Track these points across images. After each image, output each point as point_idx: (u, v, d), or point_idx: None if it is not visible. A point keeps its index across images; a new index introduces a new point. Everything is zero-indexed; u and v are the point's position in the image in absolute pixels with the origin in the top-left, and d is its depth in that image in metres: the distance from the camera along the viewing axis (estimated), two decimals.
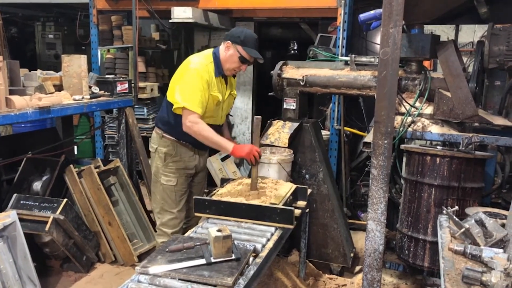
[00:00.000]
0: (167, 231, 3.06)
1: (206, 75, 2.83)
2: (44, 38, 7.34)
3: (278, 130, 3.46)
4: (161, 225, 3.09)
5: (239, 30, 2.93)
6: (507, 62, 2.92)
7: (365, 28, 3.51)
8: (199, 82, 2.79)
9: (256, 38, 2.93)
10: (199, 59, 2.91)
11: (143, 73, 5.40)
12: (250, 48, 2.87)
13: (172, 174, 3.02)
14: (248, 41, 2.87)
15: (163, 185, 3.03)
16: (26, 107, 3.09)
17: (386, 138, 2.40)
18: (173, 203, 3.05)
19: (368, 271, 2.53)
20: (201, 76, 2.80)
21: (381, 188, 2.44)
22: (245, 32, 2.90)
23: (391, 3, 2.36)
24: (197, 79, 2.79)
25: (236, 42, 2.86)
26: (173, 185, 3.02)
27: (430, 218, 2.93)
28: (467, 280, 1.55)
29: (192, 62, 2.89)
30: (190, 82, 2.80)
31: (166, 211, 3.06)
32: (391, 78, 2.39)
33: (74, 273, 3.62)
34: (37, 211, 3.35)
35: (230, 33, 2.92)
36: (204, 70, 2.83)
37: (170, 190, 3.03)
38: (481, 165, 2.94)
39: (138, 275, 1.96)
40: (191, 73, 2.82)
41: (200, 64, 2.85)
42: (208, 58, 2.92)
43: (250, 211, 2.52)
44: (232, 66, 2.93)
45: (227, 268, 1.99)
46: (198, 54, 3.02)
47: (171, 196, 3.04)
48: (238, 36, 2.86)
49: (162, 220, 3.08)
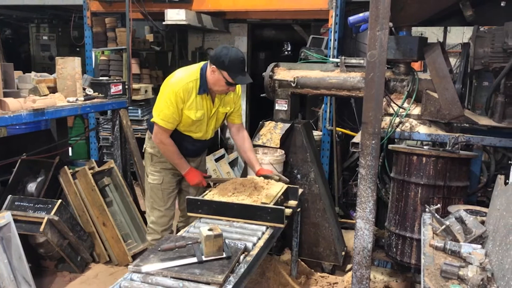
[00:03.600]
0: (157, 229, 3.14)
1: (181, 93, 2.79)
2: (39, 39, 7.34)
3: (270, 131, 3.52)
4: (151, 223, 3.18)
5: (223, 53, 2.74)
6: (491, 64, 2.98)
7: (354, 31, 3.57)
8: (172, 99, 2.79)
9: (241, 59, 2.76)
10: (182, 75, 2.87)
11: (137, 75, 5.44)
12: (235, 73, 2.75)
13: (157, 173, 3.10)
14: (234, 66, 2.73)
15: (150, 184, 3.13)
16: (20, 109, 3.12)
17: (373, 139, 2.46)
18: (161, 201, 3.12)
19: (357, 269, 2.59)
20: (175, 94, 2.78)
21: (369, 187, 2.50)
22: (230, 56, 2.72)
23: (378, 6, 2.42)
24: (170, 96, 2.79)
25: (221, 68, 2.75)
26: (159, 184, 3.10)
27: (417, 216, 3.00)
28: (445, 274, 1.62)
29: (174, 77, 2.87)
30: (164, 98, 2.82)
31: (155, 209, 3.14)
32: (378, 79, 2.45)
33: (68, 273, 3.65)
34: (32, 212, 3.38)
35: (214, 55, 2.77)
36: (181, 88, 2.79)
37: (156, 188, 3.11)
38: (466, 164, 3.01)
39: (131, 274, 2.01)
40: (167, 89, 2.82)
41: (178, 81, 2.82)
42: (193, 75, 2.86)
43: (241, 210, 2.57)
44: (220, 89, 2.86)
45: (218, 266, 2.04)
46: (185, 68, 2.96)
47: (158, 194, 3.11)
48: (222, 61, 2.73)
49: (151, 218, 3.17)
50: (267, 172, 3.06)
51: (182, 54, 6.27)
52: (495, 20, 3.24)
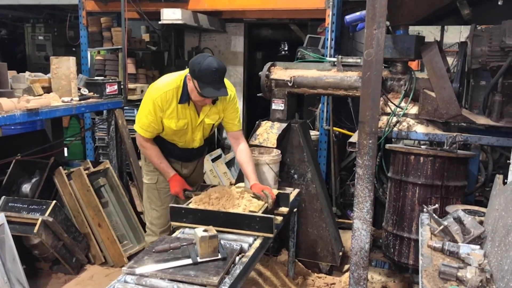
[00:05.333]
0: (155, 231, 3.09)
1: (159, 101, 2.68)
2: (34, 39, 7.29)
3: (267, 131, 3.49)
4: (149, 224, 3.13)
5: (197, 61, 2.55)
6: (489, 63, 2.96)
7: (351, 30, 3.55)
8: (150, 107, 2.71)
9: (213, 70, 2.50)
10: (163, 82, 2.75)
11: (133, 75, 5.39)
12: (205, 84, 2.54)
13: (151, 173, 3.05)
14: (204, 76, 2.52)
15: (146, 184, 3.10)
16: (13, 109, 3.09)
17: (371, 138, 2.45)
18: (158, 201, 3.07)
19: (354, 269, 2.57)
20: (153, 103, 2.69)
21: (367, 187, 2.49)
22: (201, 65, 2.51)
23: (374, 5, 2.41)
24: (149, 104, 2.71)
25: (193, 76, 2.58)
26: (154, 183, 3.04)
27: (415, 216, 2.98)
28: (443, 276, 1.59)
29: (157, 83, 2.77)
30: (143, 106, 2.77)
31: (152, 209, 3.10)
32: (375, 79, 2.44)
33: (63, 275, 3.62)
34: (26, 213, 3.35)
35: (190, 63, 2.61)
36: (159, 97, 2.68)
37: (152, 188, 3.07)
38: (464, 163, 3.00)
39: (125, 276, 1.99)
40: (147, 97, 2.75)
41: (158, 89, 2.70)
42: (174, 83, 2.72)
43: (228, 219, 2.46)
44: (196, 98, 2.70)
45: (213, 267, 2.02)
46: (169, 75, 2.83)
47: (155, 194, 3.07)
48: (194, 69, 2.55)
49: (149, 218, 3.12)
50: (258, 191, 2.77)
51: (179, 53, 6.23)
52: (493, 19, 3.23)
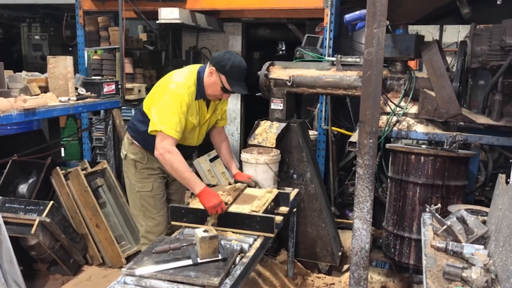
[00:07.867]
0: (154, 239, 2.84)
1: (186, 98, 2.63)
2: (30, 39, 7.24)
3: (266, 131, 3.47)
4: (146, 233, 2.96)
5: (226, 57, 2.63)
6: (489, 62, 2.96)
7: (350, 29, 3.53)
8: (178, 104, 2.59)
9: (243, 68, 2.65)
10: (181, 78, 2.69)
11: (131, 74, 5.36)
12: (234, 81, 2.63)
13: (146, 180, 2.89)
14: (234, 73, 2.62)
15: (140, 192, 2.91)
16: (10, 109, 3.06)
17: (371, 138, 2.43)
18: (154, 209, 2.92)
19: (355, 270, 2.56)
20: (182, 99, 2.61)
21: (367, 187, 2.47)
22: (233, 62, 2.62)
23: (375, 3, 2.39)
24: (176, 102, 2.59)
25: (220, 71, 2.63)
26: (149, 191, 2.89)
27: (415, 216, 2.97)
28: (448, 276, 1.58)
29: (173, 81, 2.67)
30: (169, 104, 2.59)
31: (148, 218, 2.93)
32: (375, 78, 2.42)
33: (61, 276, 3.59)
34: (23, 214, 3.31)
35: (216, 58, 2.66)
36: (185, 92, 2.63)
37: (147, 196, 2.90)
38: (464, 163, 2.99)
39: (124, 277, 1.96)
40: (172, 94, 2.61)
41: (181, 86, 2.64)
42: (191, 79, 2.70)
43: (229, 219, 2.45)
44: (213, 93, 2.73)
45: (214, 268, 2.00)
46: (181, 71, 2.78)
47: (150, 202, 2.91)
48: (223, 65, 2.61)
49: (146, 227, 2.95)
50: (244, 178, 2.86)
51: (176, 53, 6.21)
52: (492, 18, 3.23)
